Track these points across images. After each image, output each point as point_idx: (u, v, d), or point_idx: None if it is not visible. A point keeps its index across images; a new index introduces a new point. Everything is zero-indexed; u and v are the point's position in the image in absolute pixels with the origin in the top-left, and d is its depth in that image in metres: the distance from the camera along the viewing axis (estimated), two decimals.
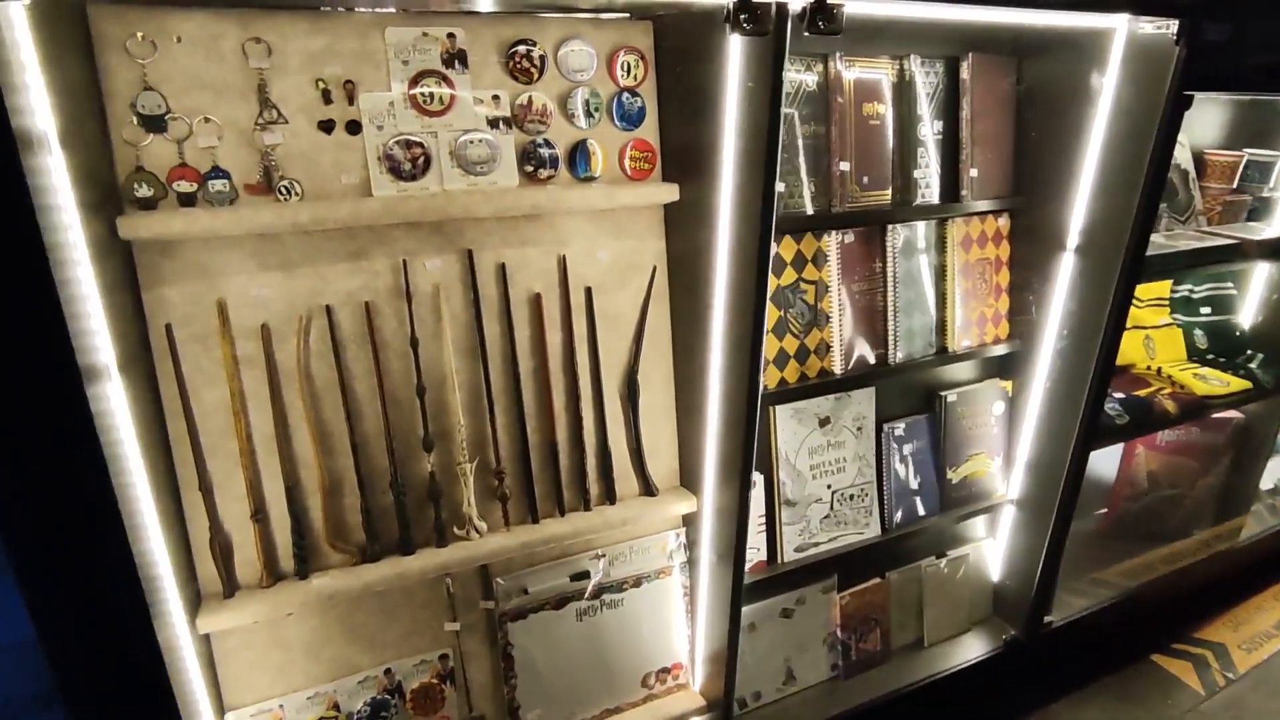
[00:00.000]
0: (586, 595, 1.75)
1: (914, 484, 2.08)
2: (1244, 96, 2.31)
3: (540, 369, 1.63)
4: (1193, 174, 2.31)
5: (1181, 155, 2.28)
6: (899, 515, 2.06)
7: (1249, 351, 2.56)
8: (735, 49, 1.39)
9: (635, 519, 1.73)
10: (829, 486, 1.97)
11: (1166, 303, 2.51)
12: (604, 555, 1.75)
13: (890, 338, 1.92)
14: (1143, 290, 2.46)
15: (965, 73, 1.88)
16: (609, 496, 1.73)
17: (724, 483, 1.68)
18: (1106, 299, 1.88)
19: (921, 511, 2.10)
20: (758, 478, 1.89)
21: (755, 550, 1.91)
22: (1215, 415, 2.49)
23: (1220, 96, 2.23)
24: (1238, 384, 2.33)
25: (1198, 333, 2.55)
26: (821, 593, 2.04)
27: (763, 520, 1.91)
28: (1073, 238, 1.96)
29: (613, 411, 1.72)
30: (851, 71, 1.75)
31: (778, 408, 1.87)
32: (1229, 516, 2.68)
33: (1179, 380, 2.31)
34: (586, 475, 1.69)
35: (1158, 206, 1.80)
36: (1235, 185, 2.34)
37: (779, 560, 1.94)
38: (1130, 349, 2.42)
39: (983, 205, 1.99)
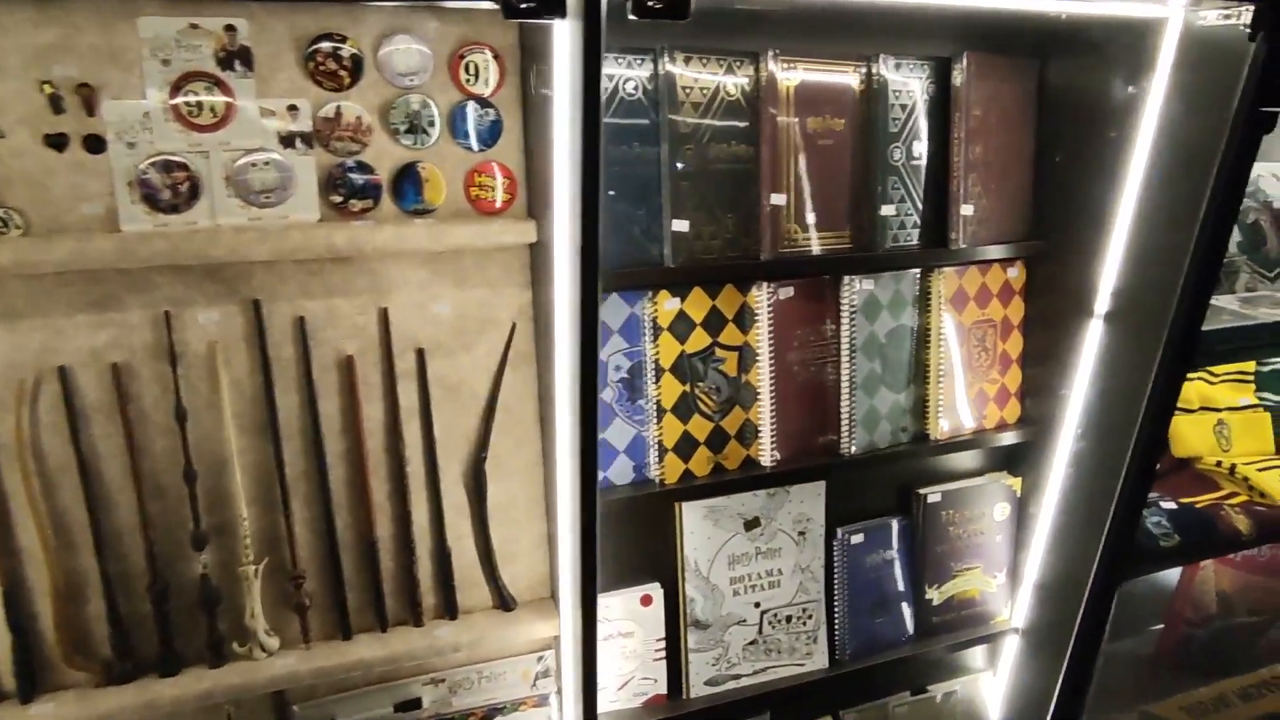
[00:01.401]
0: None
1: (877, 604, 1.62)
2: None
3: (354, 450, 1.28)
4: None
5: (1273, 189, 1.73)
6: (854, 644, 1.61)
7: None
8: (563, 39, 1.00)
9: (482, 639, 1.36)
10: (757, 605, 1.55)
11: (1251, 378, 1.94)
12: (443, 680, 1.39)
13: (844, 421, 1.48)
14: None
15: (959, 77, 1.42)
16: (448, 610, 1.37)
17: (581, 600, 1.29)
18: (1145, 384, 1.38)
19: (888, 639, 1.64)
20: (655, 591, 1.49)
21: (652, 681, 1.51)
22: None
23: None
24: None
25: None
26: None
27: (661, 644, 1.50)
28: (1102, 300, 1.46)
29: (456, 504, 1.36)
30: (792, 74, 1.33)
31: (685, 505, 1.46)
32: None
33: (1257, 484, 1.75)
34: (417, 583, 1.34)
35: (1219, 262, 1.30)
36: None
37: (684, 694, 1.53)
38: (1196, 438, 1.87)
39: (986, 251, 1.52)
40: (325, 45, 1.15)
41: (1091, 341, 1.49)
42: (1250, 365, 1.94)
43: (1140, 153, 1.35)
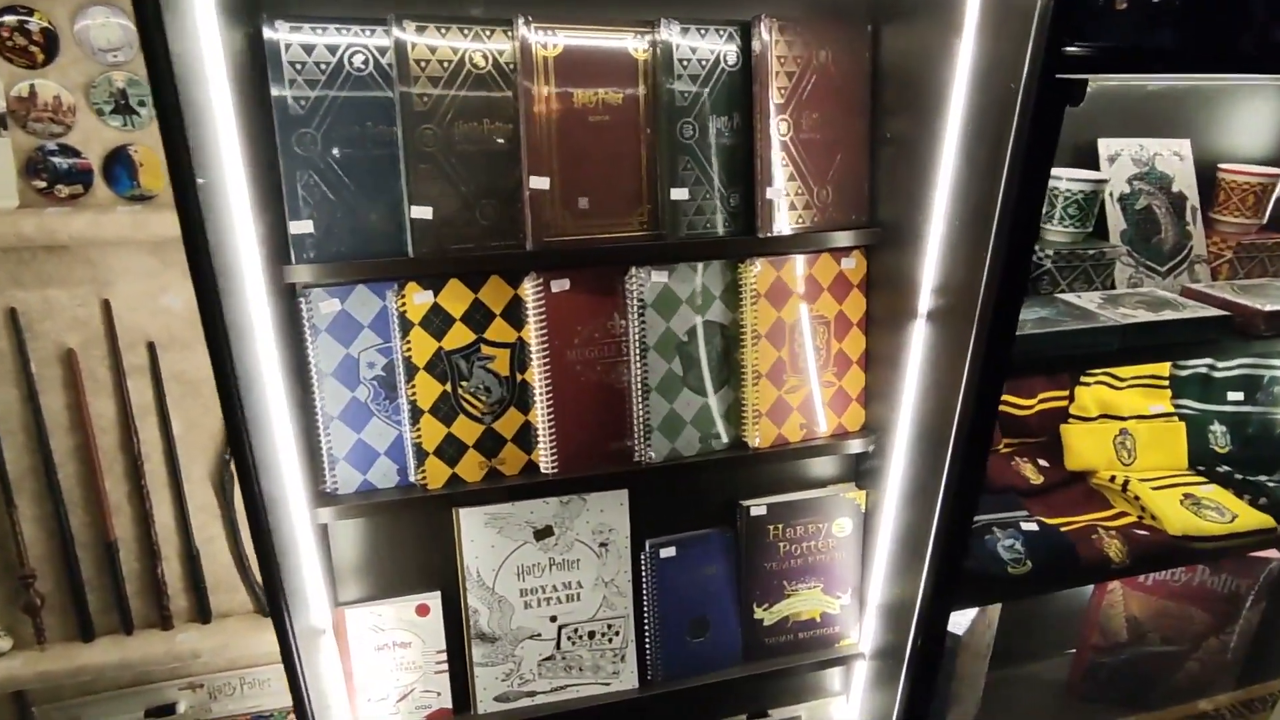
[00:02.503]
0: None
1: (696, 623, 1.50)
2: (1159, 80, 1.47)
3: (84, 447, 1.23)
4: (1194, 202, 1.52)
5: (1174, 169, 1.51)
6: (668, 664, 1.50)
7: None
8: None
9: (233, 643, 1.30)
10: (553, 619, 1.44)
11: (1165, 383, 1.72)
12: (201, 686, 1.34)
13: (637, 426, 1.36)
14: (1122, 367, 1.70)
15: (760, 43, 1.26)
16: (201, 613, 1.31)
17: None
18: (956, 394, 1.22)
19: (711, 660, 1.52)
20: (433, 600, 1.40)
21: (435, 695, 1.43)
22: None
23: (1128, 79, 1.41)
24: (1253, 519, 1.53)
25: (1216, 429, 1.74)
26: None
27: (443, 656, 1.41)
28: (924, 297, 1.30)
29: (204, 504, 1.29)
30: (551, 40, 1.20)
31: (463, 511, 1.36)
32: (1259, 688, 1.86)
33: (1148, 504, 1.55)
34: (164, 585, 1.28)
35: (1026, 257, 1.12)
36: (1265, 219, 1.53)
37: (472, 710, 1.44)
38: (1091, 450, 1.67)
39: (803, 241, 1.36)
40: (9, 19, 1.08)
41: (916, 344, 1.32)
42: (1164, 369, 1.72)
43: (952, 130, 1.18)
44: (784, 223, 1.33)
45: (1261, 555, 1.75)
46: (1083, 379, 1.69)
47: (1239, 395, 1.75)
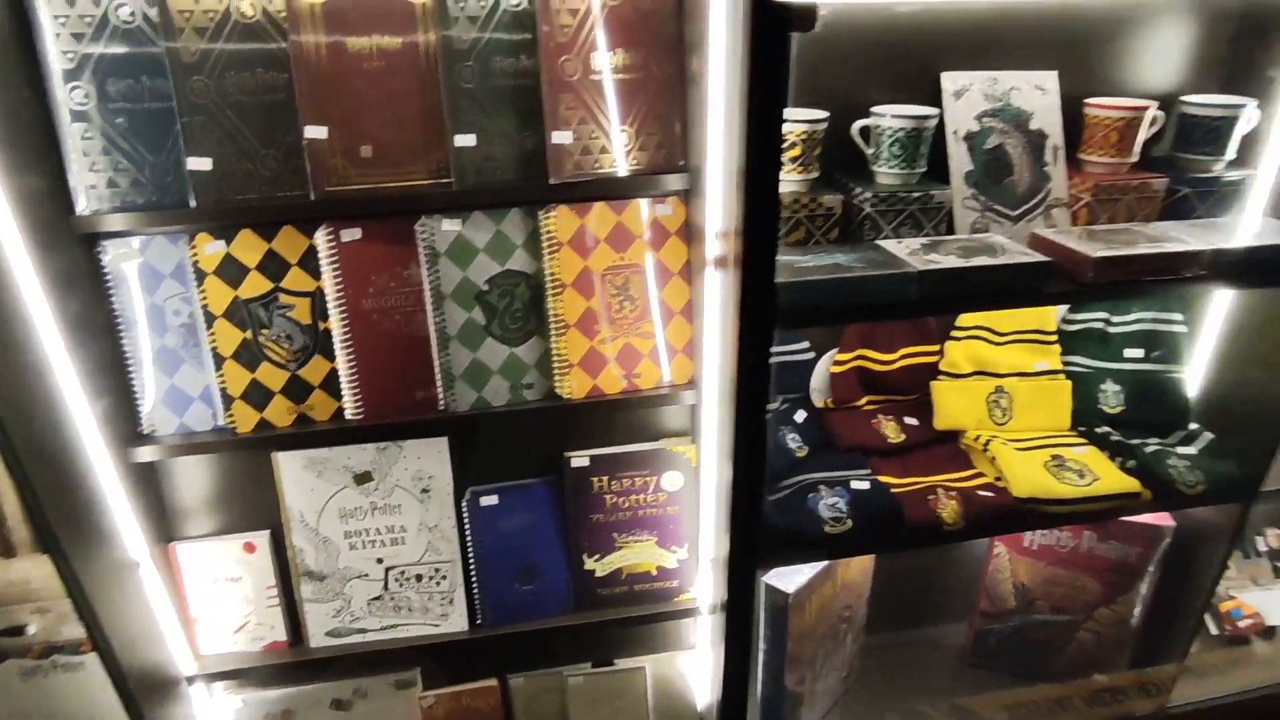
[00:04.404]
0: (33, 654, 1.46)
1: (523, 571, 1.52)
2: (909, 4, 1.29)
3: None
4: (1056, 140, 1.39)
5: (1034, 104, 1.37)
6: (496, 609, 1.53)
7: (1191, 426, 1.58)
8: None
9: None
10: (379, 561, 1.49)
11: (1053, 339, 1.60)
12: (49, 611, 1.45)
13: (438, 376, 1.37)
14: (999, 319, 1.59)
15: None
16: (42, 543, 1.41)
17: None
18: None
19: (541, 607, 1.54)
20: (259, 539, 1.47)
21: (269, 628, 1.50)
22: (1133, 519, 1.59)
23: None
24: (1114, 483, 1.43)
25: (1109, 388, 1.61)
26: (395, 687, 1.58)
27: (274, 592, 1.48)
28: (710, 245, 1.25)
29: None
30: None
31: (282, 455, 1.41)
32: (1157, 663, 1.75)
33: (1001, 464, 1.46)
34: (4, 516, 1.39)
35: (770, 200, 1.04)
36: (1135, 157, 1.38)
37: (304, 643, 1.51)
38: (959, 408, 1.57)
39: (614, 185, 1.33)
40: None
41: (711, 293, 1.28)
42: (1050, 324, 1.61)
43: (716, 66, 1.12)
44: (579, 168, 1.30)
45: (1154, 523, 1.63)
46: (953, 333, 1.59)
47: (1138, 352, 1.62)
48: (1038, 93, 1.39)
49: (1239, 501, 1.51)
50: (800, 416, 1.55)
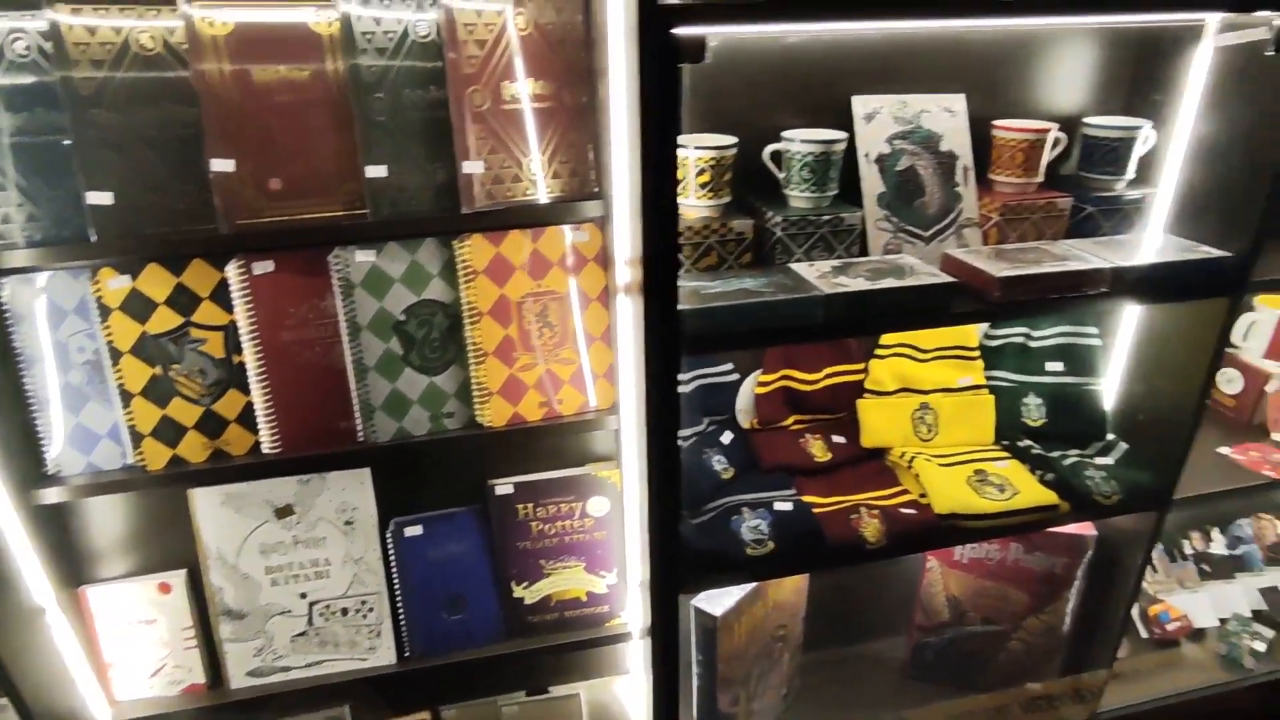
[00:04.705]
0: None
1: (451, 600, 1.50)
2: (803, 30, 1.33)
3: None
4: (966, 161, 1.42)
5: (944, 126, 1.41)
6: (425, 640, 1.51)
7: (1109, 437, 1.62)
8: None
9: None
10: (303, 596, 1.46)
11: (975, 354, 1.64)
12: None
13: (356, 406, 1.35)
14: (922, 336, 1.62)
15: (446, 8, 1.21)
16: None
17: None
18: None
19: (471, 637, 1.52)
20: (175, 579, 1.43)
21: (187, 670, 1.46)
22: (1057, 530, 1.62)
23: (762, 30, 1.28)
24: (1034, 496, 1.45)
25: (1031, 401, 1.65)
26: None
27: (190, 633, 1.45)
28: (621, 271, 1.26)
29: None
30: (220, 16, 1.18)
31: (198, 491, 1.38)
32: (1087, 669, 1.78)
33: (924, 481, 1.48)
34: None
35: (669, 227, 1.06)
36: (1041, 177, 1.42)
37: (225, 685, 1.48)
38: (885, 426, 1.59)
39: (527, 213, 1.33)
40: None
41: (625, 319, 1.28)
42: (972, 339, 1.64)
43: (618, 93, 1.13)
44: (491, 197, 1.30)
45: (1077, 533, 1.67)
46: (877, 351, 1.62)
47: (1058, 365, 1.66)
48: (947, 115, 1.42)
49: (1153, 510, 1.55)
50: (727, 438, 1.56)
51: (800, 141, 1.30)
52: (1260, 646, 1.89)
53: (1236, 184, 1.34)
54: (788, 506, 1.43)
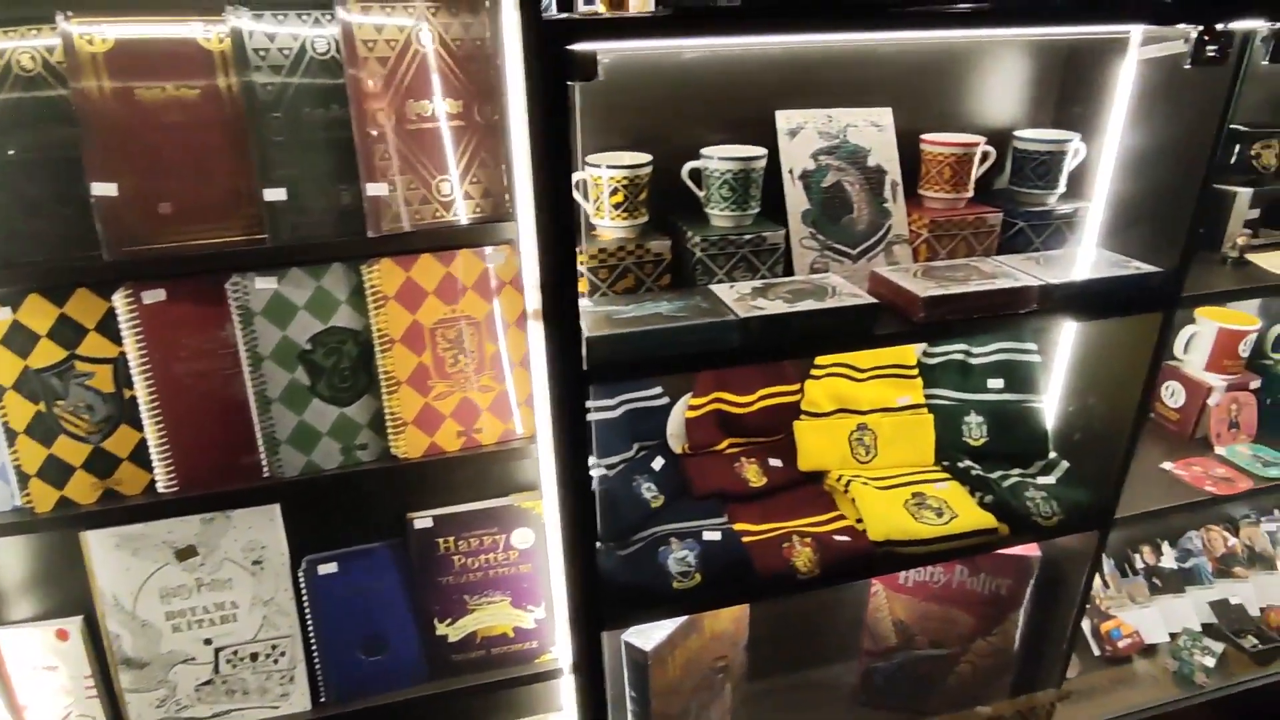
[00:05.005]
0: None
1: (371, 641, 1.43)
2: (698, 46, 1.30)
3: None
4: (894, 176, 1.39)
5: (871, 141, 1.37)
6: (342, 684, 1.43)
7: (1051, 455, 1.59)
8: None
9: None
10: (208, 642, 1.38)
11: (914, 373, 1.60)
12: None
13: (260, 439, 1.28)
14: (858, 355, 1.58)
15: (343, 22, 1.16)
16: None
17: None
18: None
19: (393, 678, 1.45)
20: (71, 625, 1.35)
21: (91, 719, 1.38)
22: (1001, 552, 1.58)
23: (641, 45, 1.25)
24: (972, 520, 1.41)
25: (972, 420, 1.61)
26: None
27: (91, 681, 1.37)
28: (530, 296, 1.20)
29: None
30: (100, 33, 1.11)
31: (91, 534, 1.30)
32: (1037, 689, 1.74)
33: (860, 506, 1.43)
34: None
35: (566, 248, 1.01)
36: (970, 192, 1.39)
37: None
38: (821, 448, 1.55)
39: (438, 236, 1.27)
40: None
41: (537, 344, 1.23)
42: (910, 357, 1.60)
43: (518, 113, 1.08)
44: (399, 220, 1.24)
45: (1023, 554, 1.63)
46: (812, 371, 1.57)
47: (999, 383, 1.62)
48: (874, 129, 1.39)
49: (1095, 530, 1.51)
50: (658, 464, 1.50)
51: (719, 159, 1.26)
52: (1210, 662, 1.86)
53: (1166, 197, 1.31)
54: (716, 536, 1.38)
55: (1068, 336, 1.57)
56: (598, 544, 1.38)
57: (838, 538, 1.40)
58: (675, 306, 1.17)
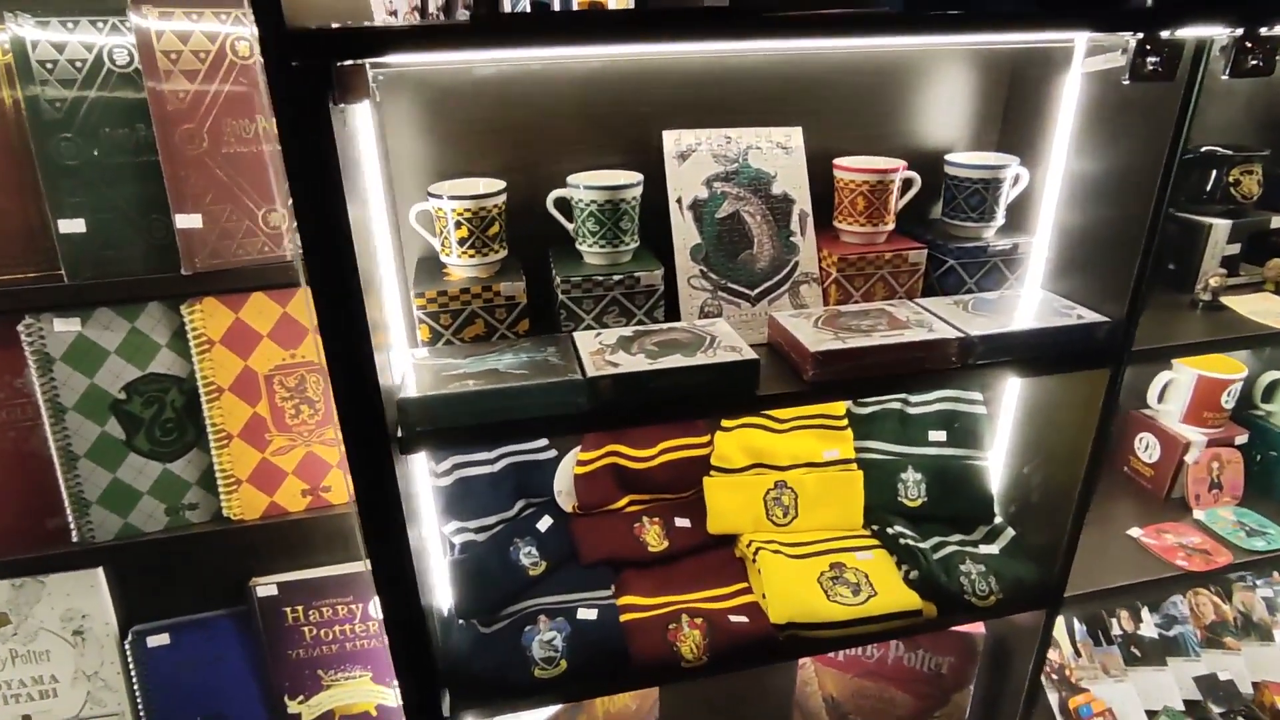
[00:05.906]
0: None
1: None
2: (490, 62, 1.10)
3: None
4: (803, 205, 1.21)
5: (777, 165, 1.19)
6: None
7: (996, 521, 1.40)
8: None
9: None
10: (27, 718, 1.24)
11: (843, 424, 1.41)
12: None
13: (65, 500, 1.14)
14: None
15: (139, 29, 1.01)
16: None
17: None
18: None
19: None
20: None
21: None
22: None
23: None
24: (893, 600, 1.23)
25: (909, 477, 1.42)
26: None
27: None
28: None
29: None
30: None
31: None
32: None
33: (765, 584, 1.25)
34: None
35: (348, 296, 0.84)
36: (891, 224, 1.20)
37: None
38: (732, 509, 1.37)
39: (272, 274, 1.12)
40: None
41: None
42: (839, 408, 1.42)
43: None
44: (218, 255, 1.09)
45: (965, 631, 1.44)
46: (723, 423, 1.40)
47: (941, 435, 1.43)
48: (780, 152, 1.21)
49: (1040, 609, 1.32)
50: (545, 524, 1.34)
51: (584, 188, 1.09)
52: None
53: (1113, 234, 1.12)
54: (592, 615, 1.21)
55: (1014, 387, 1.37)
56: (460, 621, 1.22)
57: (733, 618, 1.22)
58: (518, 361, 1.01)
